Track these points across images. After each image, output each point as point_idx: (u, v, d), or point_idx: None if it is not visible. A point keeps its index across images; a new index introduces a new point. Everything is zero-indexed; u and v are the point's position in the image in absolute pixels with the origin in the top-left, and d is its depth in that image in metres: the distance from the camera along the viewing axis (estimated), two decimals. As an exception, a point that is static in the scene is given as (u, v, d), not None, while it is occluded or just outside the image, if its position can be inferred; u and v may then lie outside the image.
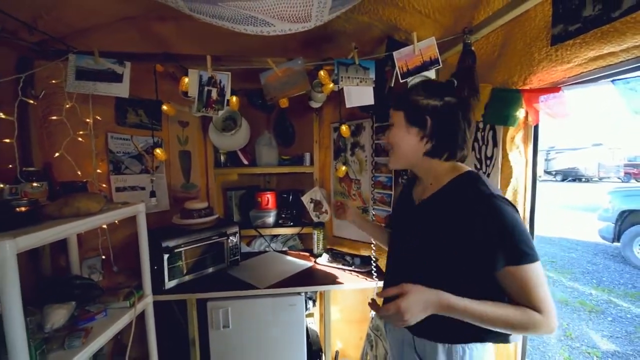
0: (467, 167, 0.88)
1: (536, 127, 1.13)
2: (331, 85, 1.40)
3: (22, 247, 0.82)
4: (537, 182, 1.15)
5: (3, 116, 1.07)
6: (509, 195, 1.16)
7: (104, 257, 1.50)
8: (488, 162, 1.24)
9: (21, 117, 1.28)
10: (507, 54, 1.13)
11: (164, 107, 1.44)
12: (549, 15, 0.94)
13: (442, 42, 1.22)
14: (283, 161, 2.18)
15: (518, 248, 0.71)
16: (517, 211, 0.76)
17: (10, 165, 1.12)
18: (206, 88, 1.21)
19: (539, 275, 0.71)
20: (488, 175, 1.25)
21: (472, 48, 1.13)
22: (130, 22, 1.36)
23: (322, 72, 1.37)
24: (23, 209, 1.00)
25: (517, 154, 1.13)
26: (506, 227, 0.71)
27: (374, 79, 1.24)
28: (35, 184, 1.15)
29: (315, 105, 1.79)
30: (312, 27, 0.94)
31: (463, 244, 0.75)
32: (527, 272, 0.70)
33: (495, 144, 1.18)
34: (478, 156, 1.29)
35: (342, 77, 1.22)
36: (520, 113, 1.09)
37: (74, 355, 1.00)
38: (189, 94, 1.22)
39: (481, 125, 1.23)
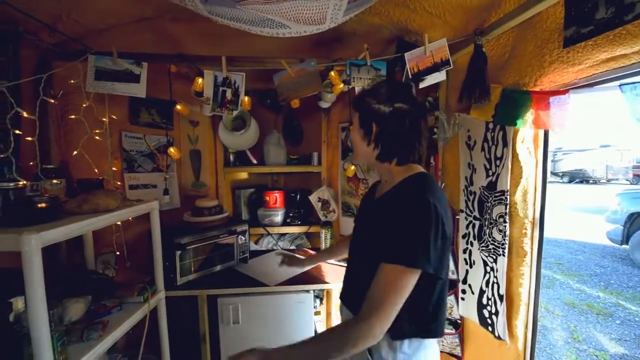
0: (421, 168, 0.89)
1: (546, 128, 1.13)
2: (341, 85, 1.42)
3: (46, 242, 0.85)
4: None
5: (26, 115, 1.10)
6: (518, 196, 1.17)
7: (117, 253, 1.54)
8: (498, 162, 1.25)
9: (41, 116, 1.32)
10: (518, 55, 1.14)
11: (178, 107, 1.47)
12: (560, 18, 0.95)
13: (453, 44, 1.23)
14: (291, 160, 2.20)
15: (395, 248, 0.73)
16: (437, 217, 0.74)
17: (32, 163, 1.15)
18: (221, 88, 1.23)
19: (397, 278, 0.71)
20: (497, 176, 1.26)
21: (483, 49, 1.14)
22: (146, 23, 1.39)
23: (332, 73, 1.39)
24: (44, 205, 1.03)
25: (527, 154, 1.14)
26: (404, 226, 0.74)
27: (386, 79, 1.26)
28: (54, 181, 1.18)
29: (324, 105, 1.81)
30: (327, 28, 0.96)
31: (387, 235, 0.78)
32: (386, 270, 0.72)
33: (505, 144, 1.19)
34: (487, 156, 1.30)
35: (353, 77, 1.24)
36: (530, 114, 1.10)
37: (92, 347, 1.04)
38: (205, 94, 1.25)
39: (491, 126, 1.24)
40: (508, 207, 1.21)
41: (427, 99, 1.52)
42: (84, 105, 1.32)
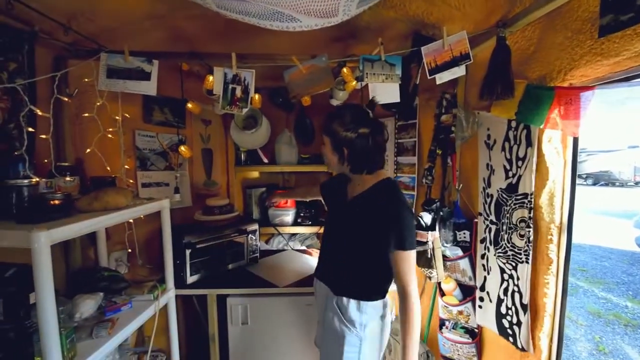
0: (386, 173, 1.13)
1: (576, 126, 1.05)
2: (354, 82, 1.37)
3: (55, 239, 0.85)
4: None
5: (40, 113, 1.11)
6: (544, 199, 1.10)
7: (129, 250, 1.55)
8: (520, 163, 1.17)
9: (56, 115, 1.34)
10: (545, 48, 1.06)
11: (189, 105, 1.47)
12: (595, 5, 0.87)
13: (473, 37, 1.16)
14: (302, 160, 2.17)
15: (405, 239, 0.99)
16: (412, 213, 1.05)
17: (46, 160, 1.17)
18: (230, 86, 1.21)
19: (411, 261, 1.01)
20: (519, 178, 1.18)
21: (507, 42, 1.06)
22: (158, 21, 1.39)
23: (345, 70, 1.35)
24: (57, 202, 1.04)
25: (555, 154, 1.06)
26: (402, 225, 1.00)
27: (400, 76, 1.20)
28: (68, 179, 1.20)
29: (336, 103, 1.76)
30: (339, 22, 0.91)
31: (373, 233, 1.04)
32: (404, 256, 1.00)
33: (529, 144, 1.11)
34: (508, 157, 1.22)
35: (367, 73, 1.19)
36: (556, 113, 1.02)
37: (101, 345, 1.04)
38: (214, 91, 1.23)
39: (514, 124, 1.17)
40: (532, 211, 1.13)
41: (445, 96, 1.45)
42: (98, 103, 1.33)
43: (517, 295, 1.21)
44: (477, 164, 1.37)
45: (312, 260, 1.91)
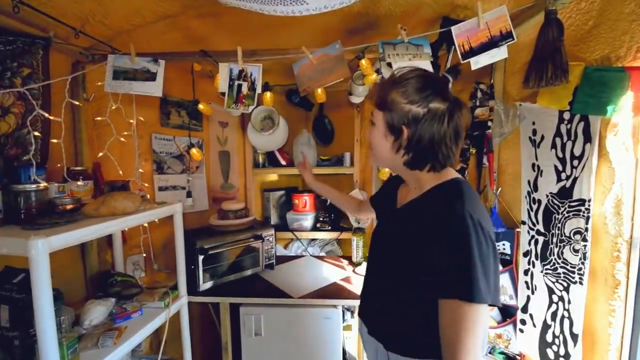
0: (454, 173, 0.78)
1: (652, 116, 0.84)
2: (374, 75, 1.24)
3: (54, 247, 0.81)
4: None
5: (51, 117, 1.11)
6: (608, 206, 0.89)
7: (144, 255, 1.53)
8: (575, 162, 0.98)
9: (73, 119, 1.35)
10: (607, 21, 0.87)
11: (200, 106, 1.42)
12: (682, -41, 0.68)
13: (513, 14, 0.99)
14: (322, 162, 2.07)
15: (459, 281, 0.61)
16: (486, 237, 0.63)
17: (59, 165, 1.16)
18: (236, 82, 1.14)
19: (471, 320, 0.60)
20: (574, 180, 0.98)
21: (558, 16, 0.88)
22: (171, 21, 1.35)
23: (363, 62, 1.23)
24: (66, 207, 1.03)
25: (623, 151, 0.86)
26: (456, 255, 0.62)
27: (431, 54, 1.01)
28: (80, 183, 1.19)
29: (356, 100, 1.63)
30: (352, 3, 0.80)
31: (420, 259, 0.69)
32: (456, 309, 0.61)
33: (587, 139, 0.92)
34: (560, 155, 1.02)
35: (388, 54, 1.03)
36: (626, 99, 0.83)
37: (105, 356, 1.00)
38: (220, 89, 1.17)
39: (567, 116, 0.97)
40: (590, 220, 0.94)
41: (479, 87, 1.27)
42: (113, 107, 1.32)
43: (566, 322, 1.01)
44: (519, 164, 1.18)
45: (330, 269, 1.80)
